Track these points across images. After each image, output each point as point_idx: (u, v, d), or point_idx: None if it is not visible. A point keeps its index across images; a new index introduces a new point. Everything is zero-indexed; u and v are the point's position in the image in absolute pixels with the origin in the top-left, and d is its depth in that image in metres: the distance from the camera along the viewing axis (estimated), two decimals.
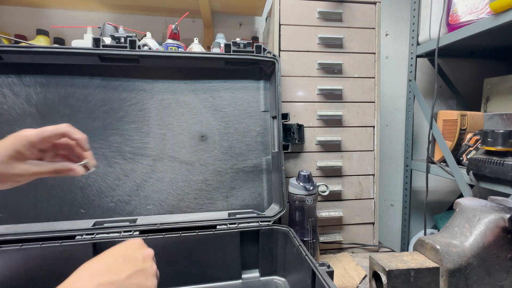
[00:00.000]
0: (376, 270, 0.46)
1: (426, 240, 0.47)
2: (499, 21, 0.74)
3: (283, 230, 0.62)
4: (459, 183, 0.87)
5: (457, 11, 0.91)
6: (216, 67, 0.72)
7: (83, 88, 0.65)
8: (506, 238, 0.45)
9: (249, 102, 0.74)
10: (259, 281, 0.63)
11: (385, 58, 1.29)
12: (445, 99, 1.31)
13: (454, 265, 0.43)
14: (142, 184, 0.67)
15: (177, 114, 0.70)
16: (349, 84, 0.82)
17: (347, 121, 0.82)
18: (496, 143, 0.73)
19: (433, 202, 1.34)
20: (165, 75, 0.70)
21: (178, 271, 0.60)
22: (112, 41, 0.64)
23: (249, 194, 0.72)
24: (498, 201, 0.51)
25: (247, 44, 0.70)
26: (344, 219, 0.82)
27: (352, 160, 0.82)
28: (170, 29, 0.82)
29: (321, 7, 0.80)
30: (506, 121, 0.92)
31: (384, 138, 1.31)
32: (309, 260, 0.48)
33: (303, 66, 0.80)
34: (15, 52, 0.60)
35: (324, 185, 0.68)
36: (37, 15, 1.05)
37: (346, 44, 0.82)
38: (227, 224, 0.63)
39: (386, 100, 1.29)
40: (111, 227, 0.61)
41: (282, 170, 0.68)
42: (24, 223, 0.61)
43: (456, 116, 0.95)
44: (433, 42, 0.98)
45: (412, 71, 1.11)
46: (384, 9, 1.24)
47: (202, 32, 1.14)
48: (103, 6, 1.04)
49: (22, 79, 0.62)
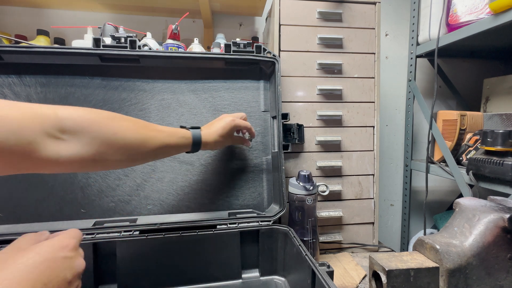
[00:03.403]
0: (376, 270, 0.46)
1: (425, 240, 0.47)
2: (499, 21, 0.74)
3: (283, 230, 0.62)
4: (459, 183, 0.88)
5: (457, 11, 0.91)
6: (216, 67, 0.72)
7: (83, 88, 0.65)
8: (505, 238, 0.45)
9: (249, 102, 0.74)
10: (259, 281, 0.63)
11: (385, 58, 1.29)
12: (444, 99, 1.32)
13: (453, 265, 0.43)
14: (142, 184, 0.67)
15: (177, 114, 0.70)
16: (349, 84, 0.82)
17: (347, 121, 0.82)
18: (495, 143, 0.73)
19: (433, 202, 1.34)
20: (165, 75, 0.70)
21: (178, 271, 0.60)
22: (113, 41, 0.64)
23: (249, 194, 0.72)
24: (497, 201, 0.51)
25: (247, 44, 0.70)
26: (344, 219, 0.82)
27: (352, 160, 0.82)
28: (170, 29, 0.83)
29: (321, 7, 0.80)
30: (506, 121, 0.92)
31: (384, 138, 1.31)
32: (309, 260, 0.48)
33: (303, 66, 0.80)
34: (15, 52, 0.60)
35: (324, 185, 0.68)
36: (38, 15, 1.05)
37: (346, 44, 0.82)
38: (227, 224, 0.63)
39: (386, 100, 1.29)
40: (111, 227, 0.61)
41: (282, 170, 0.68)
42: (24, 223, 0.61)
43: (455, 116, 0.95)
44: (433, 42, 0.98)
45: (412, 71, 1.11)
46: (384, 9, 1.24)
47: (202, 32, 1.14)
48: (103, 6, 1.04)
49: (23, 79, 0.62)
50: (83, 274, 0.35)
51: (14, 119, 0.32)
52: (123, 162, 0.44)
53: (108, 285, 0.58)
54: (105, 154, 0.40)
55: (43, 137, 0.34)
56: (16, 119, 0.32)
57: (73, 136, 0.37)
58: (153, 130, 0.48)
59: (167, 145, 0.49)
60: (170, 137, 0.50)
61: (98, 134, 0.39)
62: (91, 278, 0.56)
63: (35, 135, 0.33)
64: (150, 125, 0.48)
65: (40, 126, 0.34)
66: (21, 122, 0.32)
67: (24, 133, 0.32)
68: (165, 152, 0.51)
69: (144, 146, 0.45)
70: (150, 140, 0.46)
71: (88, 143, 0.38)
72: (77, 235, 0.37)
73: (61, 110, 0.37)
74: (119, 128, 0.42)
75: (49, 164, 0.35)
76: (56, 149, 0.36)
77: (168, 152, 0.52)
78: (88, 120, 0.39)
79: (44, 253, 0.31)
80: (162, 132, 0.49)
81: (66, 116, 0.37)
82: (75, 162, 0.38)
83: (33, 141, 0.33)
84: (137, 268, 0.58)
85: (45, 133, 0.34)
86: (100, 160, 0.40)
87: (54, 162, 0.36)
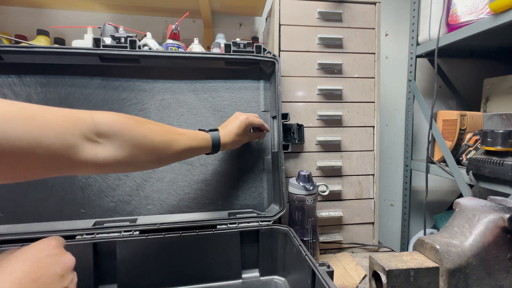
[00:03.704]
0: (376, 270, 0.46)
1: (425, 240, 0.47)
2: (499, 21, 0.74)
3: (283, 230, 0.62)
4: (459, 183, 0.88)
5: (457, 11, 0.91)
6: (216, 67, 0.72)
7: (83, 88, 0.65)
8: (505, 238, 0.45)
9: (249, 102, 0.74)
10: (259, 281, 0.63)
11: (385, 58, 1.29)
12: (444, 99, 1.32)
13: (453, 265, 0.43)
14: (142, 184, 0.67)
15: (177, 114, 0.70)
16: (349, 84, 0.82)
17: (347, 121, 0.82)
18: (495, 143, 0.73)
19: (433, 202, 1.34)
20: (165, 75, 0.70)
21: (178, 271, 0.60)
22: (112, 41, 0.64)
23: (249, 194, 0.72)
24: (497, 201, 0.51)
25: (247, 44, 0.70)
26: (344, 219, 0.82)
27: (352, 160, 0.82)
28: (170, 29, 0.83)
29: (321, 7, 0.80)
30: (506, 121, 0.92)
31: (384, 138, 1.31)
32: (309, 260, 0.48)
33: (303, 66, 0.80)
34: (15, 52, 0.60)
35: (324, 185, 0.68)
36: (38, 15, 1.05)
37: (346, 44, 0.82)
38: (227, 224, 0.63)
39: (386, 100, 1.29)
40: (111, 227, 0.61)
41: (282, 170, 0.68)
42: (24, 223, 0.61)
43: (455, 116, 0.95)
44: (433, 42, 0.98)
45: (411, 71, 1.11)
46: (384, 9, 1.24)
47: (202, 32, 1.14)
48: (103, 6, 1.04)
49: (23, 79, 0.62)
50: (83, 274, 0.35)
51: (57, 124, 0.34)
52: (151, 163, 0.47)
53: (108, 285, 0.58)
54: (136, 156, 0.43)
55: (82, 140, 0.36)
56: (59, 124, 0.34)
57: (108, 139, 0.39)
58: (176, 133, 0.50)
59: (190, 147, 0.52)
60: (192, 140, 0.53)
61: (130, 137, 0.42)
62: (91, 278, 0.56)
63: (76, 139, 0.35)
64: (174, 128, 0.51)
65: (79, 130, 0.36)
66: (63, 126, 0.34)
67: (67, 136, 0.34)
68: (188, 154, 0.53)
69: (169, 149, 0.48)
70: (175, 143, 0.49)
71: (121, 145, 0.41)
72: (57, 238, 0.37)
73: (97, 115, 0.39)
74: (148, 131, 0.44)
75: (87, 166, 0.37)
76: (94, 152, 0.38)
77: (190, 154, 0.55)
78: (121, 124, 0.41)
79: (25, 256, 0.31)
80: (184, 135, 0.52)
81: (101, 120, 0.39)
82: (110, 164, 0.40)
83: (74, 144, 0.35)
84: (137, 268, 0.58)
85: (84, 136, 0.37)
86: (132, 162, 0.43)
87: (91, 164, 0.38)
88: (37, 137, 0.31)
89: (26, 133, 0.30)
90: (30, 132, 0.30)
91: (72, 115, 0.36)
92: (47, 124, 0.32)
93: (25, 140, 0.30)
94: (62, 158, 0.34)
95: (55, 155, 0.33)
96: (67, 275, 0.33)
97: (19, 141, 0.29)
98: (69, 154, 0.34)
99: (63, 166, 0.35)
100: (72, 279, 0.34)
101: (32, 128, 0.31)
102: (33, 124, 0.31)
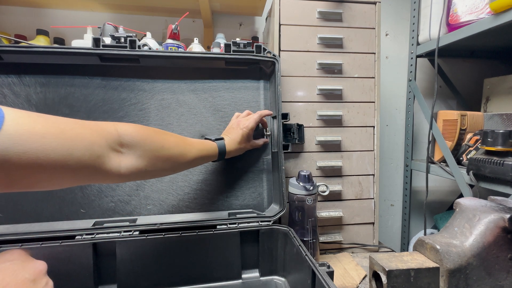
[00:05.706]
0: (376, 270, 0.46)
1: (426, 240, 0.47)
2: (499, 21, 0.74)
3: (283, 230, 0.62)
4: (459, 183, 0.88)
5: (457, 11, 0.91)
6: (216, 67, 0.72)
7: (83, 88, 0.65)
8: (506, 238, 0.45)
9: (249, 102, 0.74)
10: (259, 281, 0.63)
11: (385, 58, 1.29)
12: (445, 99, 1.31)
13: (454, 265, 0.43)
14: (142, 184, 0.67)
15: (177, 114, 0.70)
16: (349, 84, 0.82)
17: (347, 121, 0.82)
18: (496, 143, 0.73)
19: (433, 202, 1.34)
20: (165, 75, 0.70)
21: (178, 271, 0.60)
22: (112, 41, 0.64)
23: (249, 194, 0.72)
24: (498, 201, 0.51)
25: (247, 44, 0.70)
26: (344, 219, 0.82)
27: (352, 160, 0.82)
28: (170, 29, 0.82)
29: (321, 7, 0.80)
30: (506, 121, 0.92)
31: (384, 138, 1.31)
32: (309, 260, 0.48)
33: (303, 66, 0.80)
34: (15, 52, 0.60)
35: (324, 185, 0.68)
36: (37, 15, 1.05)
37: (346, 44, 0.82)
38: (227, 224, 0.63)
39: (386, 100, 1.29)
40: (111, 227, 0.61)
41: (282, 170, 0.68)
42: (24, 223, 0.61)
43: (456, 116, 0.95)
44: (433, 42, 0.98)
45: (412, 71, 1.11)
46: (384, 9, 1.24)
47: (202, 32, 1.14)
48: (103, 6, 1.04)
49: (22, 79, 0.62)
50: (83, 274, 0.35)
51: (86, 136, 0.36)
52: (167, 171, 0.51)
53: (108, 285, 0.57)
54: (155, 164, 0.46)
55: (108, 151, 0.39)
56: (88, 137, 0.36)
57: (130, 149, 0.42)
58: (187, 143, 0.53)
59: (200, 156, 0.55)
60: (201, 150, 0.56)
61: (150, 147, 0.45)
62: (91, 278, 0.56)
63: (103, 150, 0.38)
64: (184, 138, 0.54)
65: (105, 141, 0.39)
66: (91, 138, 0.37)
67: (95, 148, 0.37)
68: (198, 163, 0.57)
69: (183, 158, 0.51)
70: (188, 153, 0.52)
71: (141, 155, 0.43)
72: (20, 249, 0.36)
73: (120, 126, 0.42)
74: (164, 142, 0.48)
75: (112, 175, 0.40)
76: (118, 161, 0.40)
77: (200, 162, 0.58)
78: (142, 135, 0.44)
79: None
80: (194, 145, 0.55)
81: (124, 131, 0.42)
82: (132, 173, 0.43)
83: (101, 155, 0.38)
84: (137, 268, 0.58)
85: (110, 147, 0.39)
86: (150, 170, 0.45)
87: (116, 174, 0.40)
88: (69, 150, 0.33)
89: (60, 146, 0.32)
90: (63, 146, 0.33)
91: (98, 127, 0.39)
92: (77, 137, 0.35)
93: (59, 153, 0.32)
94: (91, 168, 0.36)
95: (85, 166, 0.35)
96: (39, 280, 0.32)
97: (54, 154, 0.32)
98: (97, 164, 0.37)
99: (92, 175, 0.37)
100: (47, 283, 0.33)
101: (64, 141, 0.33)
102: (65, 138, 0.33)
